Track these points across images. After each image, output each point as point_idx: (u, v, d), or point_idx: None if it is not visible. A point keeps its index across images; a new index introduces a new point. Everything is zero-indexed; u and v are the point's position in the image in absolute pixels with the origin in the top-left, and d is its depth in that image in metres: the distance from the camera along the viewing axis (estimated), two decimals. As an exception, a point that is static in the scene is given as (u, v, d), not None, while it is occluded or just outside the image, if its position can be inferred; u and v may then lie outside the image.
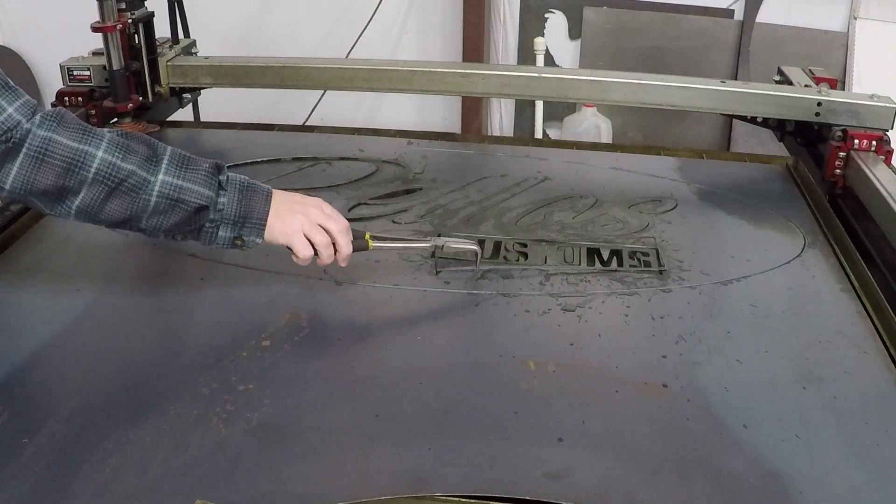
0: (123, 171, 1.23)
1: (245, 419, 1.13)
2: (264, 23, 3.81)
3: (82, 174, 1.21)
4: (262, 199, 1.33)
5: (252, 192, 1.32)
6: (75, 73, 2.08)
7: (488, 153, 2.14)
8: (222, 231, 1.32)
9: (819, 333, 1.36)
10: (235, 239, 1.33)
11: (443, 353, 1.32)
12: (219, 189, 1.29)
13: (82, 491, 1.01)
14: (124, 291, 1.48)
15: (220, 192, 1.30)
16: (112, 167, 1.23)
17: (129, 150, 1.25)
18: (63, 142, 1.21)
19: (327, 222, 1.36)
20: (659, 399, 1.20)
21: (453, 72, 2.10)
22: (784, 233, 1.71)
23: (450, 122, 3.83)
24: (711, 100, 1.99)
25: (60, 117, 1.23)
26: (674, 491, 1.03)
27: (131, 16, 2.00)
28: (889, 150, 1.84)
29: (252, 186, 1.33)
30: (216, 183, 1.30)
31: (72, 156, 1.21)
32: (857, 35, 3.41)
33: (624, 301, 1.44)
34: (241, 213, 1.31)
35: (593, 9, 3.65)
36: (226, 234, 1.32)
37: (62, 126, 1.22)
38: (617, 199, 1.83)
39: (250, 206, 1.31)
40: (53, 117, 1.22)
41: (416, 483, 1.03)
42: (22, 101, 1.20)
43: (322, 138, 2.20)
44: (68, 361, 1.28)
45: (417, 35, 3.82)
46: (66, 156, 1.20)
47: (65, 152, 1.20)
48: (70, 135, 1.22)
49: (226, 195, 1.30)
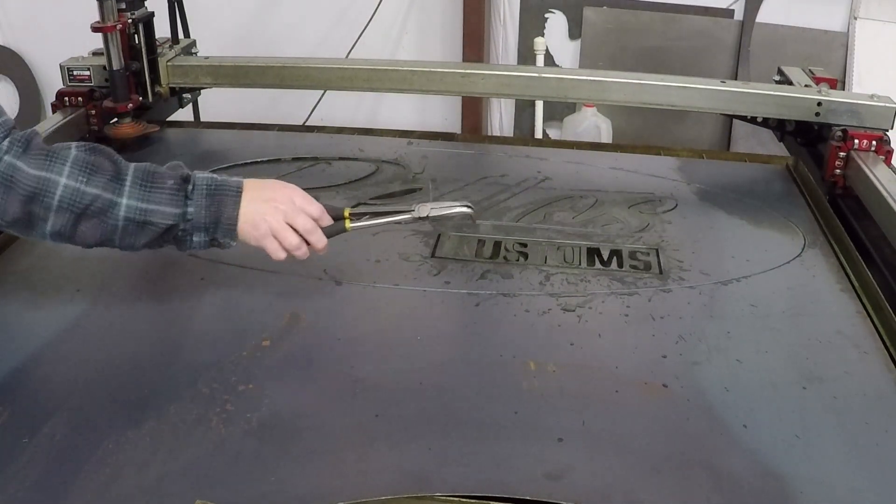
0: (88, 196, 1.22)
1: (245, 419, 1.13)
2: (264, 23, 3.81)
3: (47, 201, 1.20)
4: (231, 202, 1.30)
5: (220, 194, 1.30)
6: (75, 73, 2.08)
7: (488, 153, 2.14)
8: (196, 237, 1.31)
9: (819, 333, 1.36)
10: (211, 241, 1.32)
11: (443, 353, 1.32)
12: (186, 200, 1.27)
13: (82, 491, 1.01)
14: (124, 291, 1.48)
15: (188, 201, 1.27)
16: (76, 193, 1.21)
17: (93, 171, 1.23)
18: (25, 170, 1.19)
19: (297, 218, 1.34)
20: (659, 399, 1.20)
21: (453, 72, 2.09)
22: (784, 233, 1.71)
23: (450, 122, 3.83)
24: (711, 100, 1.99)
25: (27, 142, 1.22)
26: (674, 491, 1.03)
27: (131, 16, 2.00)
28: (889, 150, 1.84)
29: (220, 189, 1.30)
30: (183, 197, 1.27)
31: (34, 184, 1.20)
32: (857, 35, 3.41)
33: (624, 301, 1.44)
34: (211, 219, 1.29)
35: (593, 9, 3.65)
36: (200, 238, 1.31)
37: (27, 153, 1.21)
38: (617, 199, 1.83)
39: (219, 210, 1.29)
40: (20, 142, 1.21)
41: (416, 483, 1.03)
42: None
43: (322, 138, 2.20)
44: (68, 361, 1.28)
45: (417, 35, 3.82)
46: (29, 184, 1.19)
47: (27, 181, 1.19)
48: (33, 162, 1.20)
49: (193, 204, 1.28)
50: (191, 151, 2.07)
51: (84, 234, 1.25)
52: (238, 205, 1.30)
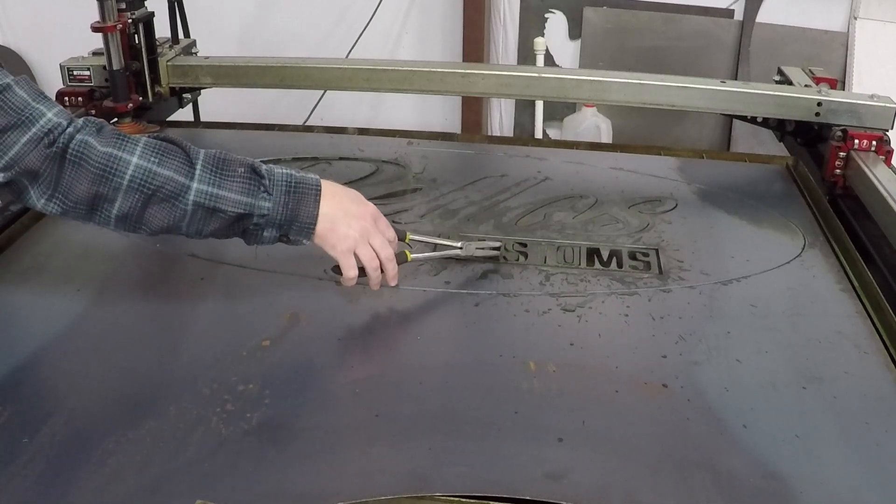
0: (160, 178, 1.20)
1: (245, 419, 1.13)
2: (264, 23, 3.81)
3: (116, 181, 1.19)
4: (312, 200, 1.27)
5: (299, 192, 1.27)
6: (75, 73, 2.08)
7: (488, 153, 2.14)
8: (267, 232, 1.28)
9: (819, 333, 1.36)
10: (281, 237, 1.30)
11: (443, 353, 1.32)
12: (262, 192, 1.25)
13: (82, 491, 1.01)
14: (124, 291, 1.48)
15: (264, 195, 1.25)
16: (147, 173, 1.20)
17: (165, 153, 1.22)
18: (98, 147, 1.19)
19: (375, 240, 1.32)
20: (659, 399, 1.20)
21: (453, 72, 2.09)
22: (784, 233, 1.71)
23: (450, 122, 3.83)
24: (711, 100, 1.99)
25: (100, 125, 1.23)
26: (674, 491, 1.03)
27: (131, 16, 2.00)
28: (889, 150, 1.84)
29: (299, 185, 1.27)
30: (257, 187, 1.25)
31: (105, 161, 1.19)
32: (857, 35, 3.41)
33: (624, 301, 1.44)
34: (288, 216, 1.26)
35: (593, 9, 3.65)
36: (271, 234, 1.28)
37: (100, 133, 1.21)
38: (617, 199, 1.83)
39: (297, 207, 1.26)
40: (94, 124, 1.22)
41: (416, 483, 1.02)
42: (59, 109, 1.21)
43: (322, 138, 2.20)
44: (68, 361, 1.27)
45: (417, 35, 3.82)
46: (100, 161, 1.18)
47: (99, 157, 1.18)
48: (105, 141, 1.20)
49: (271, 199, 1.25)
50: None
51: (151, 219, 1.23)
52: (318, 204, 1.27)
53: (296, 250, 1.53)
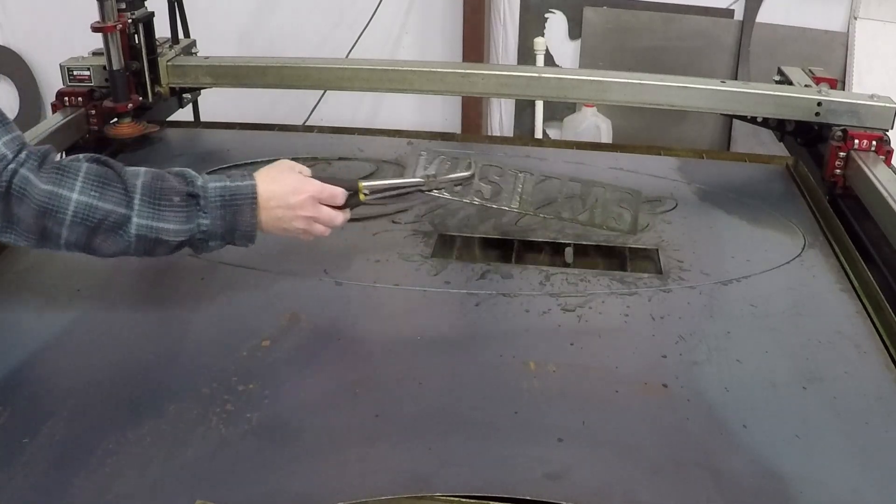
0: (101, 211, 1.21)
1: (245, 419, 1.13)
2: (264, 23, 3.81)
3: (60, 216, 1.19)
4: (248, 209, 1.30)
5: (235, 203, 1.29)
6: (75, 73, 2.08)
7: (488, 153, 2.14)
8: (213, 243, 1.31)
9: (819, 333, 1.36)
10: (227, 243, 1.33)
11: (443, 353, 1.32)
12: (199, 213, 1.27)
13: (82, 491, 1.01)
14: (124, 291, 1.48)
15: (201, 215, 1.27)
16: (88, 208, 1.20)
17: (104, 186, 1.21)
18: (38, 185, 1.18)
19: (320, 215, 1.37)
20: (659, 399, 1.20)
21: (453, 72, 2.09)
22: (784, 233, 1.71)
23: (450, 122, 3.83)
24: (711, 100, 1.99)
25: (43, 157, 1.21)
26: (674, 491, 1.03)
27: (131, 16, 2.00)
28: (889, 150, 1.84)
29: (234, 198, 1.29)
30: (194, 212, 1.26)
31: (46, 199, 1.18)
32: (857, 35, 3.41)
33: (624, 301, 1.44)
34: (227, 228, 1.29)
35: (593, 9, 3.65)
36: (216, 244, 1.32)
37: (41, 168, 1.20)
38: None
39: (234, 219, 1.29)
40: (36, 157, 1.20)
41: (416, 483, 1.03)
42: (10, 137, 1.19)
43: (322, 138, 2.20)
44: (68, 361, 1.28)
45: (417, 35, 3.82)
46: (42, 199, 1.18)
47: (39, 195, 1.18)
48: (45, 177, 1.19)
49: (207, 217, 1.27)
50: (191, 151, 2.07)
51: (100, 248, 1.24)
52: (255, 210, 1.30)
53: (296, 251, 1.53)
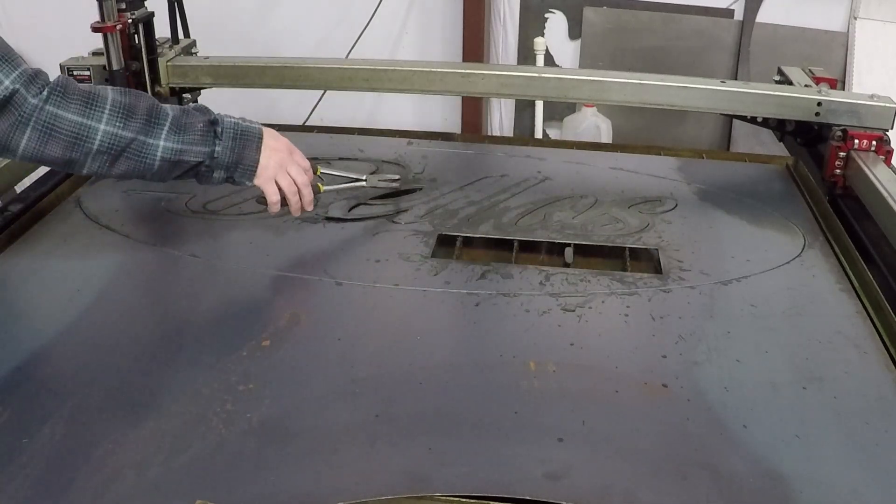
0: (125, 140, 1.31)
1: (245, 419, 1.13)
2: (264, 23, 3.81)
3: (87, 146, 1.29)
4: (254, 146, 1.43)
5: (245, 139, 1.42)
6: (75, 73, 2.08)
7: (488, 153, 2.14)
8: (216, 174, 1.42)
9: (819, 333, 1.36)
10: (228, 179, 1.44)
11: (443, 353, 1.32)
12: (215, 139, 1.39)
13: (82, 491, 1.01)
14: (124, 291, 1.48)
15: (216, 141, 1.39)
16: (114, 138, 1.30)
17: (130, 115, 1.31)
18: (68, 117, 1.27)
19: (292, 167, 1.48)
20: (659, 399, 1.20)
21: (453, 72, 2.09)
22: (784, 233, 1.71)
23: (450, 122, 3.83)
24: (711, 100, 1.99)
25: (65, 89, 1.29)
26: (674, 491, 1.03)
27: (131, 16, 2.00)
28: (889, 150, 1.84)
29: (245, 133, 1.42)
30: (212, 136, 1.39)
31: (76, 130, 1.28)
32: (857, 35, 3.41)
33: (624, 301, 1.44)
34: (234, 160, 1.42)
35: (593, 9, 3.65)
36: (220, 175, 1.43)
37: (66, 99, 1.28)
38: (617, 199, 1.83)
39: (242, 153, 1.42)
40: (59, 91, 1.28)
41: (416, 483, 1.03)
42: (19, 71, 1.25)
43: (322, 138, 2.20)
44: (68, 361, 1.28)
45: (417, 35, 3.82)
46: (71, 130, 1.28)
47: (69, 127, 1.28)
48: (74, 108, 1.28)
49: (221, 144, 1.39)
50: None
51: (119, 171, 1.35)
52: (259, 150, 1.44)
53: (296, 251, 1.53)
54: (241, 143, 1.42)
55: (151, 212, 1.73)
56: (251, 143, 1.43)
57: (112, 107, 1.30)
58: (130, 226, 1.67)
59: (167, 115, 1.36)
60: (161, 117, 1.35)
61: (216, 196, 1.77)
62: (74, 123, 1.27)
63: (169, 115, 1.36)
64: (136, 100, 1.34)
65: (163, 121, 1.35)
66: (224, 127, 1.40)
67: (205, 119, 1.39)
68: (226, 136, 1.40)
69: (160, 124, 1.34)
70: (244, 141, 1.42)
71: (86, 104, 1.29)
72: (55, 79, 1.30)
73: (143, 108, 1.33)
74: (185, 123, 1.37)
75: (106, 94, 1.31)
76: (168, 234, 1.66)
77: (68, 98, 1.28)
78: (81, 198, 1.78)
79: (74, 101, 1.28)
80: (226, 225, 1.69)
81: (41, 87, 1.26)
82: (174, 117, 1.36)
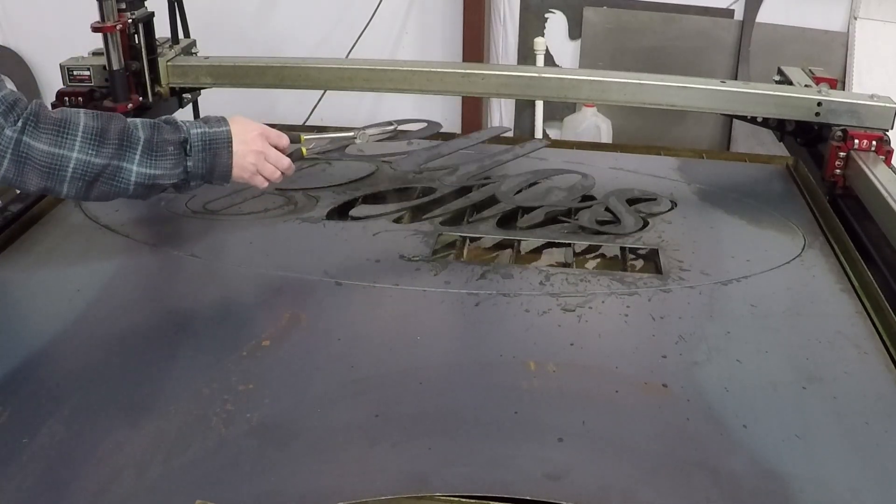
0: (98, 166, 1.33)
1: (245, 419, 1.13)
2: (264, 23, 3.81)
3: (61, 175, 1.31)
4: (225, 152, 1.44)
5: (214, 147, 1.43)
6: (75, 73, 2.08)
7: (487, 153, 2.13)
8: (193, 183, 1.45)
9: (819, 333, 1.36)
10: (206, 182, 1.47)
11: (443, 353, 1.32)
12: (185, 157, 1.41)
13: (82, 491, 1.01)
14: (124, 291, 1.48)
15: (187, 158, 1.41)
16: (87, 165, 1.32)
17: (102, 141, 1.33)
18: (41, 147, 1.29)
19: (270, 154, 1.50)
20: (659, 399, 1.20)
21: (453, 72, 2.10)
22: (784, 233, 1.71)
23: (450, 122, 3.82)
24: (711, 100, 1.99)
25: (37, 119, 1.29)
26: (674, 491, 1.03)
27: (131, 16, 2.00)
28: (889, 150, 1.84)
29: (213, 142, 1.43)
30: (182, 157, 1.40)
31: (49, 161, 1.30)
32: (857, 35, 3.41)
33: (624, 301, 1.44)
34: (208, 170, 1.44)
35: (593, 9, 3.65)
36: (197, 184, 1.46)
37: (38, 129, 1.29)
38: (617, 199, 1.83)
39: (214, 162, 1.43)
40: (32, 121, 1.29)
41: (416, 483, 1.03)
42: None
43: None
44: (68, 361, 1.28)
45: (417, 35, 3.82)
46: (45, 161, 1.30)
47: (43, 158, 1.29)
48: (46, 138, 1.29)
49: (192, 159, 1.41)
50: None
51: (96, 194, 1.37)
52: (231, 154, 1.45)
53: (296, 251, 1.53)
54: (211, 153, 1.42)
55: (151, 212, 1.73)
56: (221, 149, 1.43)
57: (84, 134, 1.31)
58: (130, 226, 1.67)
59: (139, 139, 1.36)
60: (133, 141, 1.35)
61: (216, 196, 1.77)
62: (47, 154, 1.29)
63: (141, 138, 1.36)
64: (108, 123, 1.34)
65: (135, 144, 1.35)
66: (192, 142, 1.41)
67: (176, 139, 1.40)
68: (195, 150, 1.41)
69: (132, 148, 1.35)
70: (214, 150, 1.43)
71: (58, 133, 1.30)
72: (29, 107, 1.29)
73: (115, 132, 1.34)
74: (158, 144, 1.38)
75: (78, 121, 1.32)
76: (168, 234, 1.66)
77: (40, 128, 1.28)
78: (81, 198, 1.78)
79: (46, 132, 1.29)
80: (226, 225, 1.69)
81: (17, 117, 1.27)
82: (146, 140, 1.37)
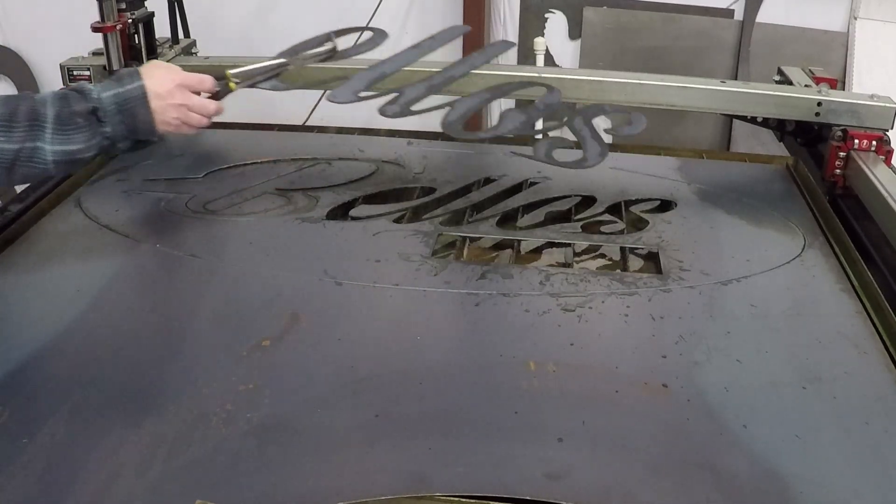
0: (11, 151, 1.31)
1: (245, 419, 1.13)
2: (264, 23, 3.81)
3: None
4: (141, 107, 1.41)
5: (130, 108, 1.40)
6: (75, 73, 2.08)
7: (488, 153, 2.14)
8: (120, 145, 1.43)
9: (819, 333, 1.36)
10: (137, 144, 1.46)
11: (443, 353, 1.32)
12: (100, 125, 1.38)
13: (82, 491, 1.01)
14: (124, 291, 1.48)
15: (103, 125, 1.38)
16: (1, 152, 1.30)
17: (11, 125, 1.31)
18: None
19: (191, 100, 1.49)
20: (659, 399, 1.20)
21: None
22: (784, 233, 1.71)
23: (450, 122, 3.82)
24: (711, 100, 1.99)
25: None
26: (674, 491, 1.03)
27: (131, 16, 2.00)
28: (889, 150, 1.84)
29: (128, 100, 1.40)
30: (97, 123, 1.38)
31: None
32: (857, 35, 3.41)
33: (624, 301, 1.44)
34: (130, 129, 1.42)
35: (593, 9, 3.65)
36: (125, 145, 1.44)
37: None
38: (617, 199, 1.83)
39: (134, 121, 1.41)
40: None
41: (416, 483, 1.03)
42: None
43: (322, 138, 2.20)
44: (68, 361, 1.27)
45: (417, 35, 3.77)
46: None
47: None
48: None
49: (109, 124, 1.39)
50: (191, 151, 2.07)
51: (19, 178, 1.37)
52: (149, 111, 1.43)
53: (296, 251, 1.53)
54: (129, 115, 1.40)
55: (151, 212, 1.73)
56: (138, 108, 1.41)
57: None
58: (130, 226, 1.67)
59: (46, 117, 1.34)
60: (41, 119, 1.33)
61: (216, 196, 1.77)
62: None
63: (48, 115, 1.34)
64: (16, 106, 1.33)
65: (44, 122, 1.33)
66: (105, 108, 1.39)
67: (84, 109, 1.37)
68: (109, 114, 1.39)
69: (42, 127, 1.33)
70: (131, 110, 1.40)
71: None
72: None
73: (23, 114, 1.32)
74: (67, 118, 1.35)
75: None
76: (168, 234, 1.66)
77: None
78: (81, 198, 1.78)
79: None
80: (226, 225, 1.69)
81: None
82: (54, 116, 1.34)
